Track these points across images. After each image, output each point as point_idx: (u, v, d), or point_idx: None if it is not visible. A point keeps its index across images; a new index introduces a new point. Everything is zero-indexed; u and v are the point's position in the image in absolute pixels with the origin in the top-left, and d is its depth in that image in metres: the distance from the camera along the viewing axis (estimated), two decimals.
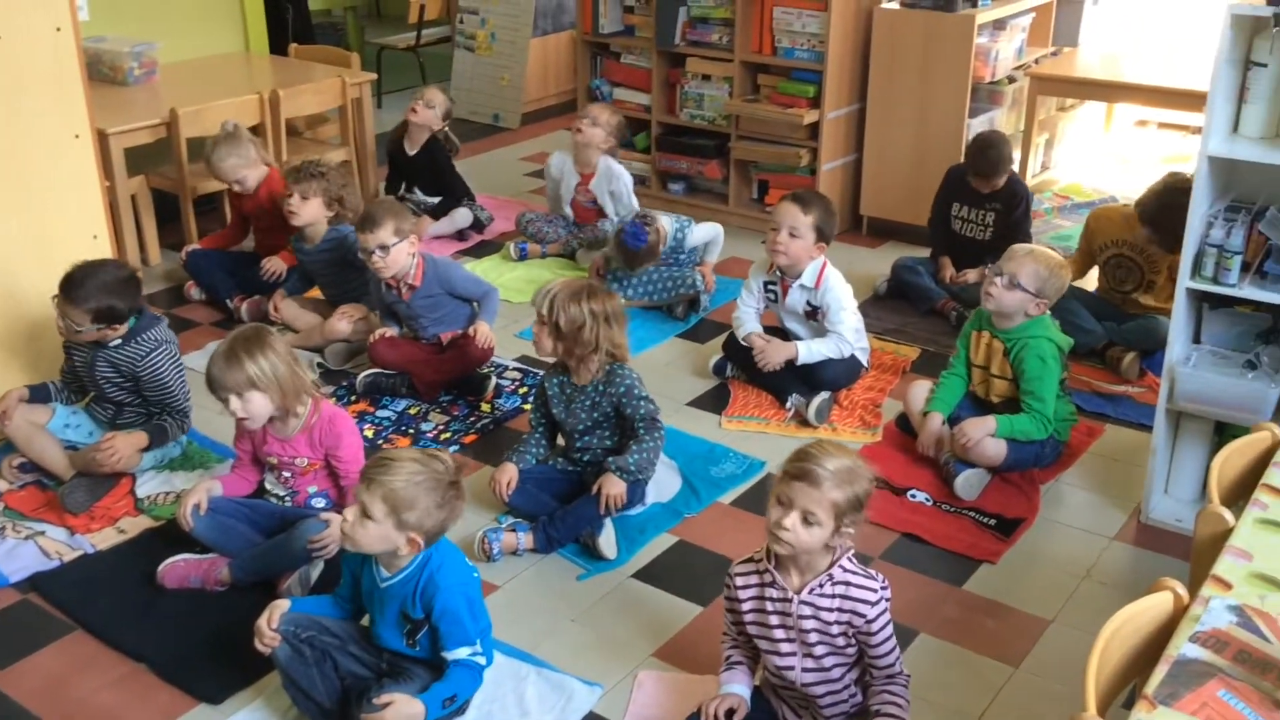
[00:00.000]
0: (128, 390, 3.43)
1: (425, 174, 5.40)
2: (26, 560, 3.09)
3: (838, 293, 3.89)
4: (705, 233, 4.76)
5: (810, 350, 3.85)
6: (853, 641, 2.32)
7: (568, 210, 5.26)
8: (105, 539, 3.20)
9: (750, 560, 2.40)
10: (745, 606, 2.38)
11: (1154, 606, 1.93)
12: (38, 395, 3.47)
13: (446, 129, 5.43)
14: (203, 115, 4.79)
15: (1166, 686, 1.72)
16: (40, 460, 3.39)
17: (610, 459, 3.19)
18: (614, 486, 3.14)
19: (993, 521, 3.27)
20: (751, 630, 2.39)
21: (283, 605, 2.52)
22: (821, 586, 2.29)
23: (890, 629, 2.31)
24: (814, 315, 3.94)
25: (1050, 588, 3.02)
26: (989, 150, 4.41)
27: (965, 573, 3.08)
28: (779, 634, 2.34)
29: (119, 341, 3.36)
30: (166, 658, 2.76)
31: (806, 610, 2.30)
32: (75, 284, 3.26)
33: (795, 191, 4.02)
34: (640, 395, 3.21)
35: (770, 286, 4.02)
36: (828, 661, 2.33)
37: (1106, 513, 3.34)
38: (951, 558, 3.13)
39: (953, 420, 3.48)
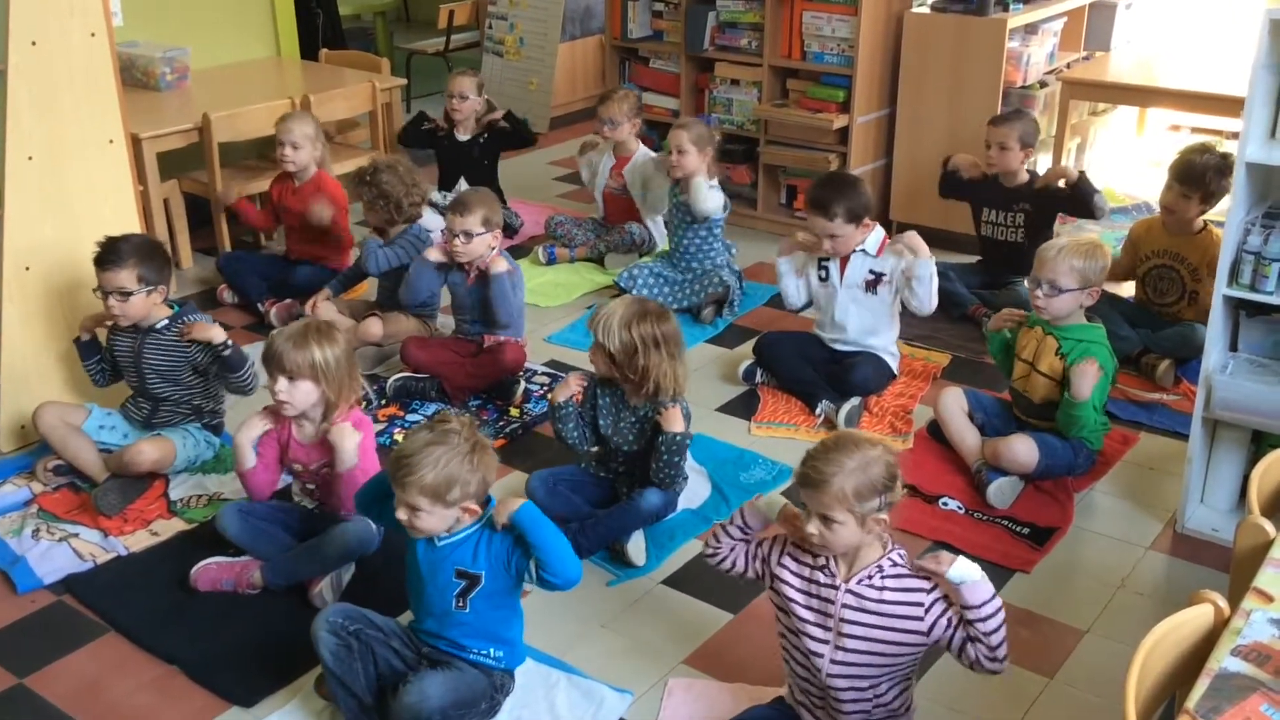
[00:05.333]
0: (171, 380, 3.44)
1: (479, 162, 5.43)
2: (60, 562, 3.12)
3: (925, 252, 3.77)
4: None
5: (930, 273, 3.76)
6: (899, 648, 2.27)
7: (599, 198, 5.26)
8: (138, 541, 3.23)
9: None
10: (790, 591, 2.34)
11: (1194, 619, 1.91)
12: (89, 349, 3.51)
13: (507, 113, 5.51)
14: (235, 120, 4.82)
15: (1208, 700, 1.70)
16: (74, 462, 3.42)
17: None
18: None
19: (1026, 530, 3.24)
20: (793, 610, 2.34)
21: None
22: (870, 578, 2.27)
23: (948, 620, 2.25)
24: (876, 285, 3.87)
25: (1085, 598, 3.00)
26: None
27: (998, 582, 3.02)
28: (814, 616, 2.31)
29: (165, 322, 3.39)
30: (199, 660, 2.77)
31: (851, 600, 2.27)
32: (111, 250, 3.31)
33: (812, 195, 3.89)
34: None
35: (824, 263, 3.93)
36: (860, 659, 2.28)
37: (1141, 522, 3.31)
38: (984, 566, 3.07)
39: (985, 432, 3.46)
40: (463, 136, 5.47)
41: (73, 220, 3.62)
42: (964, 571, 2.20)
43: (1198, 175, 3.99)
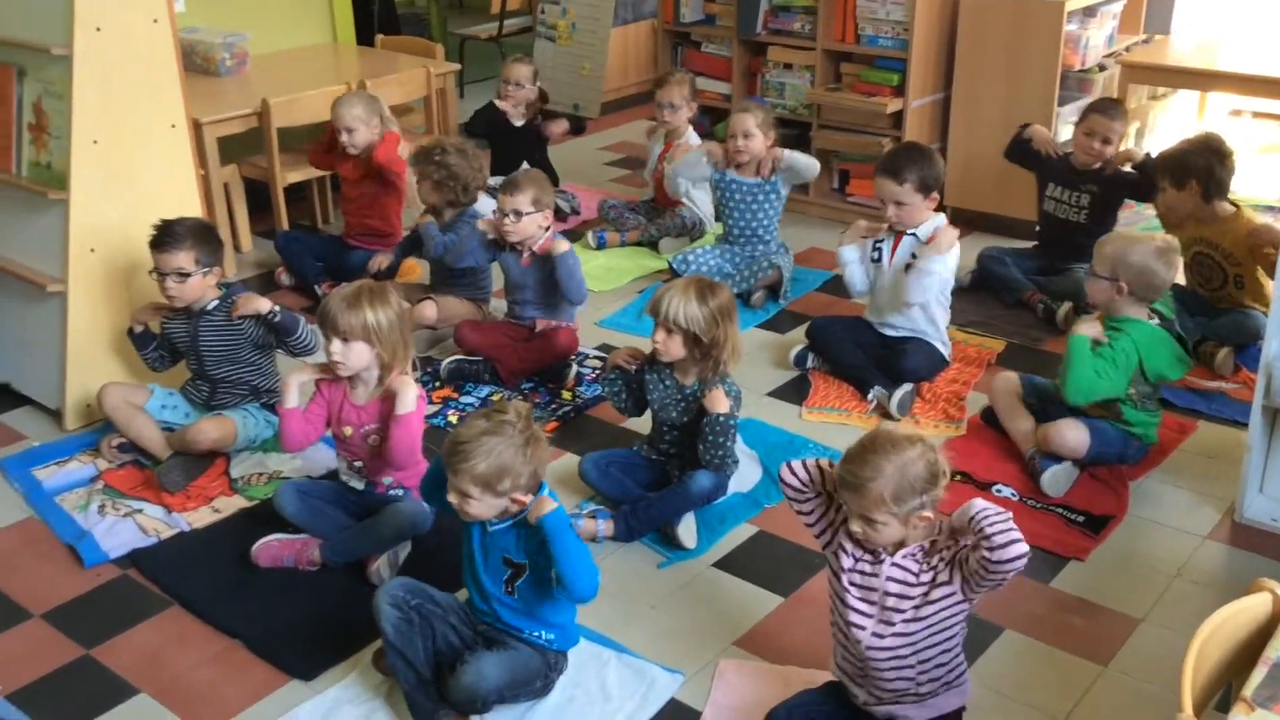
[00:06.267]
0: (229, 360, 3.50)
1: (535, 145, 5.47)
2: (125, 537, 3.19)
3: (943, 250, 3.75)
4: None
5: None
6: (941, 612, 2.25)
7: (649, 180, 5.27)
8: (201, 518, 3.29)
9: None
10: (845, 560, 2.34)
11: (1252, 607, 1.89)
12: (143, 340, 3.57)
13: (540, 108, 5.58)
14: (293, 106, 4.88)
15: (1266, 689, 1.69)
16: (138, 440, 3.49)
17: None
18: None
19: (1081, 518, 3.22)
20: (841, 583, 2.34)
21: None
22: (914, 554, 2.27)
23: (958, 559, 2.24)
24: (909, 268, 3.82)
25: (1140, 586, 2.97)
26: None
27: (1053, 570, 3.03)
28: (857, 592, 2.31)
29: (216, 304, 3.45)
30: (261, 635, 2.83)
31: (896, 574, 2.27)
32: (166, 232, 3.37)
33: (884, 162, 3.86)
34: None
35: (878, 245, 3.90)
36: (903, 631, 2.28)
37: (1199, 511, 3.27)
38: (1038, 554, 3.07)
39: (1040, 418, 3.43)
40: (517, 122, 5.51)
41: (136, 203, 3.68)
42: (962, 507, 2.19)
43: (1180, 164, 3.99)
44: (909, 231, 3.84)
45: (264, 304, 3.43)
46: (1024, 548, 2.11)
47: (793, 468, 2.38)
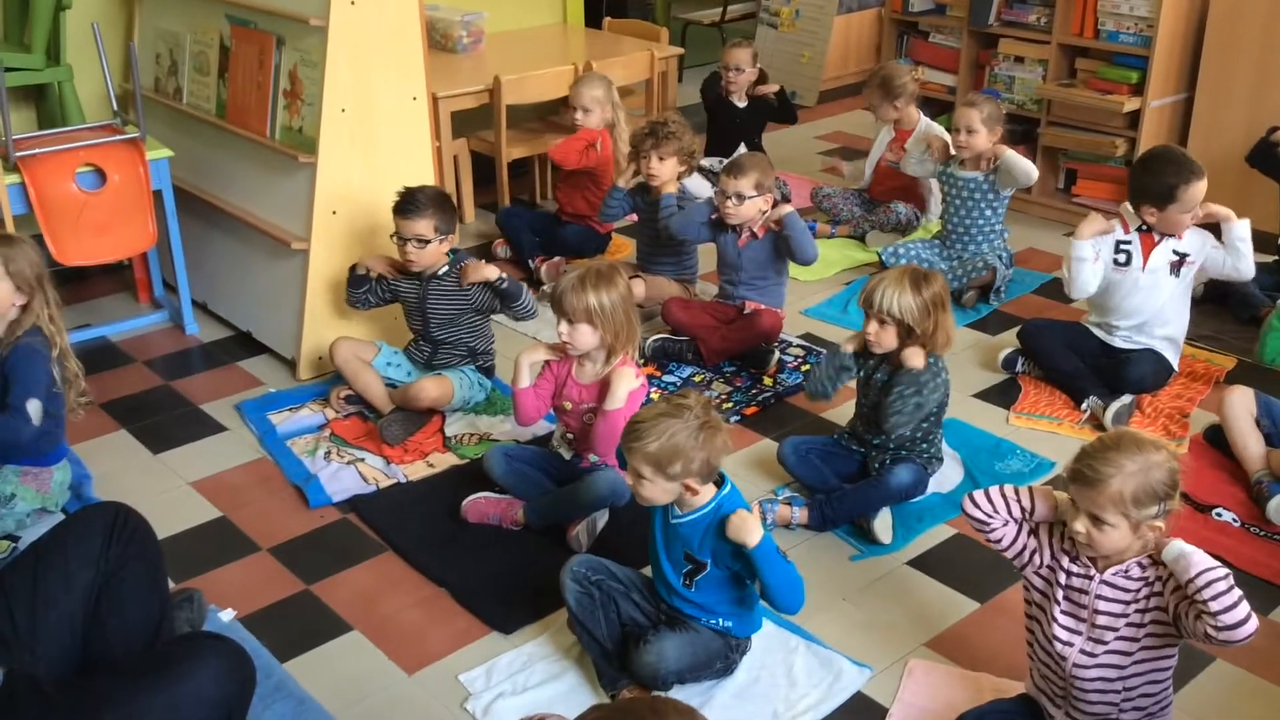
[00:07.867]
0: (453, 323, 3.68)
1: (748, 130, 5.50)
2: (347, 483, 3.39)
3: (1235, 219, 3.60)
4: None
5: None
6: (1151, 634, 2.18)
7: (868, 171, 5.21)
8: (416, 471, 3.46)
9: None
10: (1062, 577, 2.28)
11: None
12: (360, 280, 3.74)
13: (779, 90, 5.56)
14: (523, 84, 5.03)
15: None
16: (364, 393, 3.70)
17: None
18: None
19: None
20: (1036, 597, 2.28)
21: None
22: (1128, 571, 2.19)
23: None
24: (1180, 265, 3.66)
25: None
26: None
27: (1272, 601, 2.87)
28: (1064, 605, 2.25)
29: (445, 269, 3.63)
30: (465, 586, 2.96)
31: (1106, 591, 2.20)
32: (411, 200, 3.55)
33: (1193, 163, 3.62)
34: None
35: (1124, 247, 3.70)
36: (1111, 648, 2.21)
37: None
38: (1257, 584, 2.92)
39: (1272, 442, 3.24)
40: (739, 103, 5.53)
41: (377, 170, 3.86)
42: (1175, 550, 2.09)
43: None
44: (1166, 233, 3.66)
45: (492, 271, 3.59)
46: (1253, 625, 2.01)
47: (974, 499, 2.34)
